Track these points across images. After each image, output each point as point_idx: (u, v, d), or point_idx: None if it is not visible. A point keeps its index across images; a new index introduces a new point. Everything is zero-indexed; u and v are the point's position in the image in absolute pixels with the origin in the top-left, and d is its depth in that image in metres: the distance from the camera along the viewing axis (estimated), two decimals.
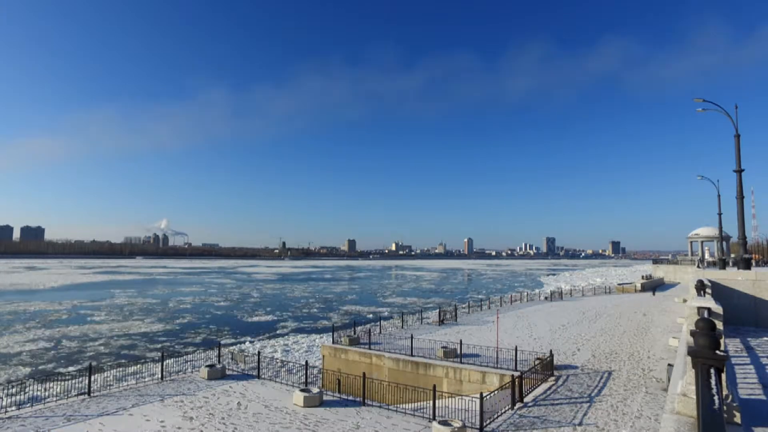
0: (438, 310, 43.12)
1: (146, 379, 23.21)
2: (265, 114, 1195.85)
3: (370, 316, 66.86)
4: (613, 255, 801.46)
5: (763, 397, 13.05)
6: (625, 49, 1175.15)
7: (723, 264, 44.37)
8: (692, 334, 7.17)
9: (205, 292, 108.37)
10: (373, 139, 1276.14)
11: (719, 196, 64.41)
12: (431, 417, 16.98)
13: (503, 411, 17.34)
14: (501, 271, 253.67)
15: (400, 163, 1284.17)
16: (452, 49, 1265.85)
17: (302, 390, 19.64)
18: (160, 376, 23.15)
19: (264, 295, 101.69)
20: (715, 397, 5.11)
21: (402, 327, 37.42)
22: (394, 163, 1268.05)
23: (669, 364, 19.82)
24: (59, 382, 20.46)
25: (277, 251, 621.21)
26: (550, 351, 23.97)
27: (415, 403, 19.08)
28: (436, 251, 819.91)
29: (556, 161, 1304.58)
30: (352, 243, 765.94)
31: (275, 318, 67.41)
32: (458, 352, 26.14)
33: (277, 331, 56.76)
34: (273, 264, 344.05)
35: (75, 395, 20.04)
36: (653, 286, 72.19)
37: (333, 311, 75.81)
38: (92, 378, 20.48)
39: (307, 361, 25.98)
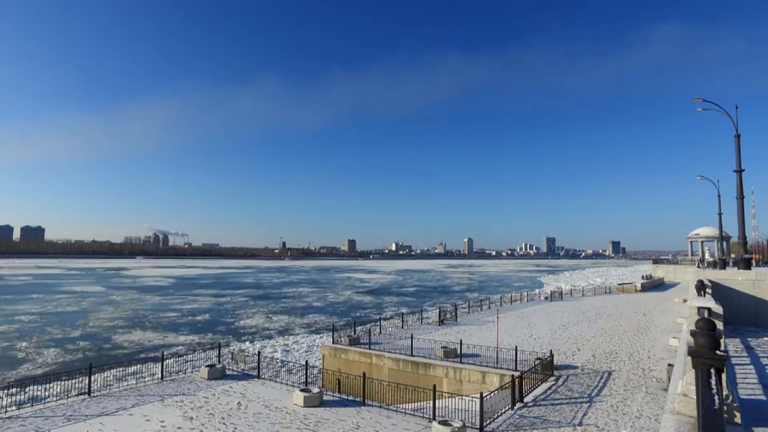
0: (438, 310, 43.13)
1: (146, 379, 23.22)
2: (265, 114, 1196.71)
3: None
4: (613, 255, 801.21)
5: (764, 397, 13.06)
6: (625, 49, 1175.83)
7: (723, 264, 44.36)
8: (692, 334, 7.17)
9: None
10: (373, 139, 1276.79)
11: (719, 196, 64.54)
12: (431, 417, 16.97)
13: (503, 411, 17.34)
14: (468, 274, 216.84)
15: (400, 163, 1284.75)
16: (452, 48, 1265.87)
17: (302, 390, 19.64)
18: (160, 376, 23.15)
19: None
20: (716, 397, 5.11)
21: (402, 327, 37.43)
22: (394, 163, 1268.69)
23: (669, 364, 19.82)
24: (59, 382, 20.46)
25: (277, 251, 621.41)
26: (550, 351, 23.96)
27: (415, 403, 19.08)
28: (437, 251, 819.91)
29: (556, 161, 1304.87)
30: (352, 243, 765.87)
31: None
32: (458, 352, 26.14)
33: None
34: (188, 263, 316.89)
35: (75, 395, 20.05)
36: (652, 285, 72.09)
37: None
38: (92, 378, 20.47)
39: (307, 361, 25.99)
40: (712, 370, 5.54)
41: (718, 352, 5.69)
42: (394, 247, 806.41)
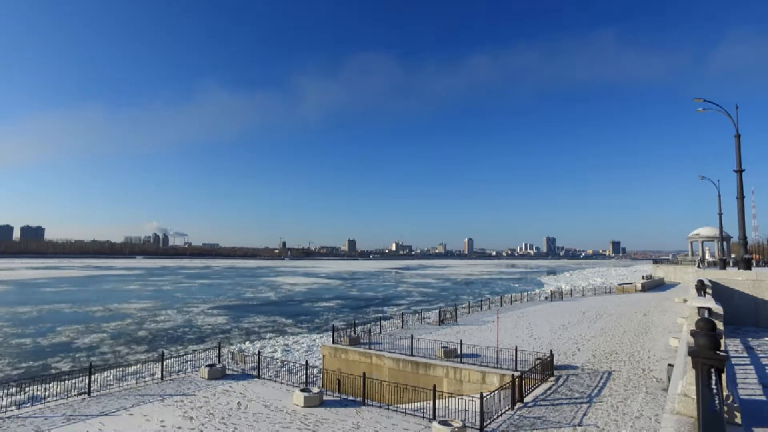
0: (438, 310, 43.13)
1: (146, 379, 23.22)
2: (264, 114, 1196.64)
3: None
4: (613, 255, 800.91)
5: (764, 398, 13.06)
6: (625, 49, 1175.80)
7: (723, 264, 44.36)
8: (692, 334, 7.16)
9: None
10: (373, 139, 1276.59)
11: (719, 196, 64.53)
12: (431, 417, 16.97)
13: (503, 411, 17.33)
14: (420, 278, 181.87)
15: (400, 163, 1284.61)
16: (451, 49, 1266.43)
17: (302, 390, 19.64)
18: (160, 375, 23.15)
19: None
20: (716, 398, 5.11)
21: (402, 327, 37.42)
22: (394, 163, 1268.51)
23: (669, 364, 19.81)
24: (59, 382, 20.46)
25: (277, 251, 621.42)
26: (551, 351, 23.96)
27: (415, 403, 19.08)
28: (437, 251, 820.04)
29: (557, 161, 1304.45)
30: (352, 243, 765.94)
31: None
32: (458, 352, 26.13)
33: None
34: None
35: (75, 395, 20.05)
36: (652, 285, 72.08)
37: None
38: (92, 378, 20.49)
39: (307, 361, 26.00)
40: (713, 371, 5.54)
41: (718, 352, 5.69)
42: (394, 247, 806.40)
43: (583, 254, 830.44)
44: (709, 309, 13.00)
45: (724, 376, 6.23)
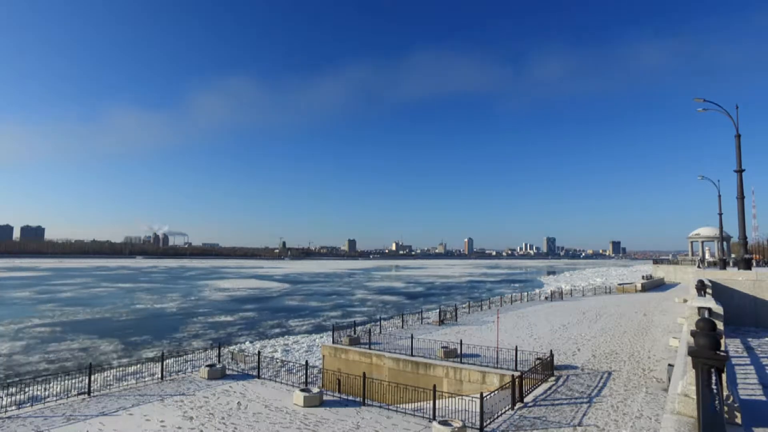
0: (438, 310, 43.14)
1: (146, 379, 23.22)
2: (264, 114, 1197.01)
3: None
4: (613, 255, 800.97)
5: (764, 398, 13.06)
6: (625, 49, 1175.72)
7: (723, 264, 44.37)
8: (693, 334, 7.16)
9: None
10: (373, 139, 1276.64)
11: (720, 196, 64.48)
12: (431, 417, 16.97)
13: (503, 411, 17.33)
14: (388, 282, 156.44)
15: (400, 163, 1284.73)
16: (451, 48, 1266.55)
17: (302, 390, 19.64)
18: (160, 375, 23.15)
19: None
20: (716, 398, 5.10)
21: (402, 327, 37.43)
22: (394, 163, 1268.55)
23: (669, 365, 19.81)
24: (59, 382, 20.45)
25: (277, 251, 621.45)
26: (551, 351, 23.96)
27: (415, 403, 19.08)
28: (437, 251, 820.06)
29: (557, 161, 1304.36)
30: (352, 243, 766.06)
31: None
32: (458, 352, 26.14)
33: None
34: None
35: (75, 395, 20.05)
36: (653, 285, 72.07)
37: None
38: (92, 378, 20.49)
39: (307, 361, 26.00)
40: (713, 371, 5.54)
41: (718, 352, 5.69)
42: (394, 247, 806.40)
43: (583, 254, 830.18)
44: (709, 309, 13.00)
45: (724, 376, 6.23)
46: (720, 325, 12.27)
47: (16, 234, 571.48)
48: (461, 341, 27.27)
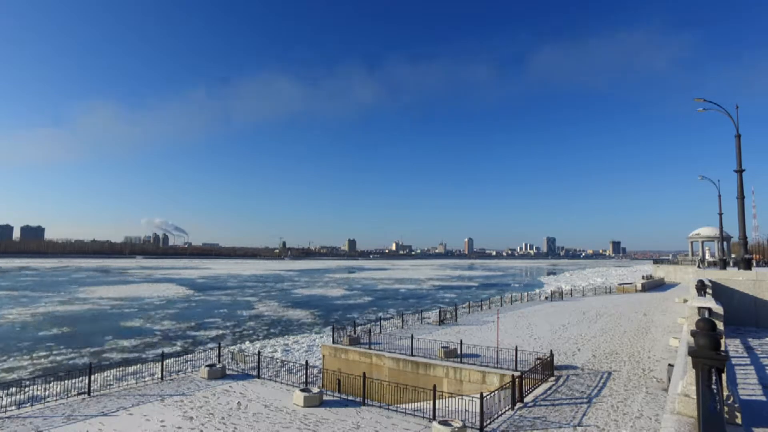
0: (438, 310, 43.13)
1: (146, 379, 23.20)
2: (264, 114, 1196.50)
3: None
4: (613, 255, 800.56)
5: (764, 398, 13.05)
6: (625, 49, 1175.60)
7: (723, 264, 44.35)
8: (693, 334, 7.15)
9: None
10: (373, 139, 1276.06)
11: (720, 196, 64.47)
12: (431, 417, 16.96)
13: (503, 411, 17.32)
14: (343, 290, 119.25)
15: (400, 163, 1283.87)
16: (451, 48, 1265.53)
17: (302, 390, 19.63)
18: (160, 375, 23.14)
19: None
20: (716, 398, 5.10)
21: (402, 327, 37.41)
22: (394, 162, 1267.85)
23: (669, 365, 19.79)
24: (59, 382, 20.45)
25: (277, 251, 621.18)
26: (551, 351, 23.95)
27: (415, 403, 19.07)
28: (437, 251, 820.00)
29: (557, 161, 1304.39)
30: (352, 243, 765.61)
31: None
32: (458, 352, 26.12)
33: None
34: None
35: (75, 395, 20.04)
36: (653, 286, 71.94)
37: None
38: (92, 377, 20.47)
39: (307, 361, 25.97)
40: (713, 371, 5.53)
41: (718, 352, 5.68)
42: (394, 247, 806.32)
43: (583, 254, 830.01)
44: (710, 309, 13.00)
45: (724, 376, 6.23)
46: (720, 325, 12.27)
47: (16, 234, 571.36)
48: (461, 341, 27.25)
